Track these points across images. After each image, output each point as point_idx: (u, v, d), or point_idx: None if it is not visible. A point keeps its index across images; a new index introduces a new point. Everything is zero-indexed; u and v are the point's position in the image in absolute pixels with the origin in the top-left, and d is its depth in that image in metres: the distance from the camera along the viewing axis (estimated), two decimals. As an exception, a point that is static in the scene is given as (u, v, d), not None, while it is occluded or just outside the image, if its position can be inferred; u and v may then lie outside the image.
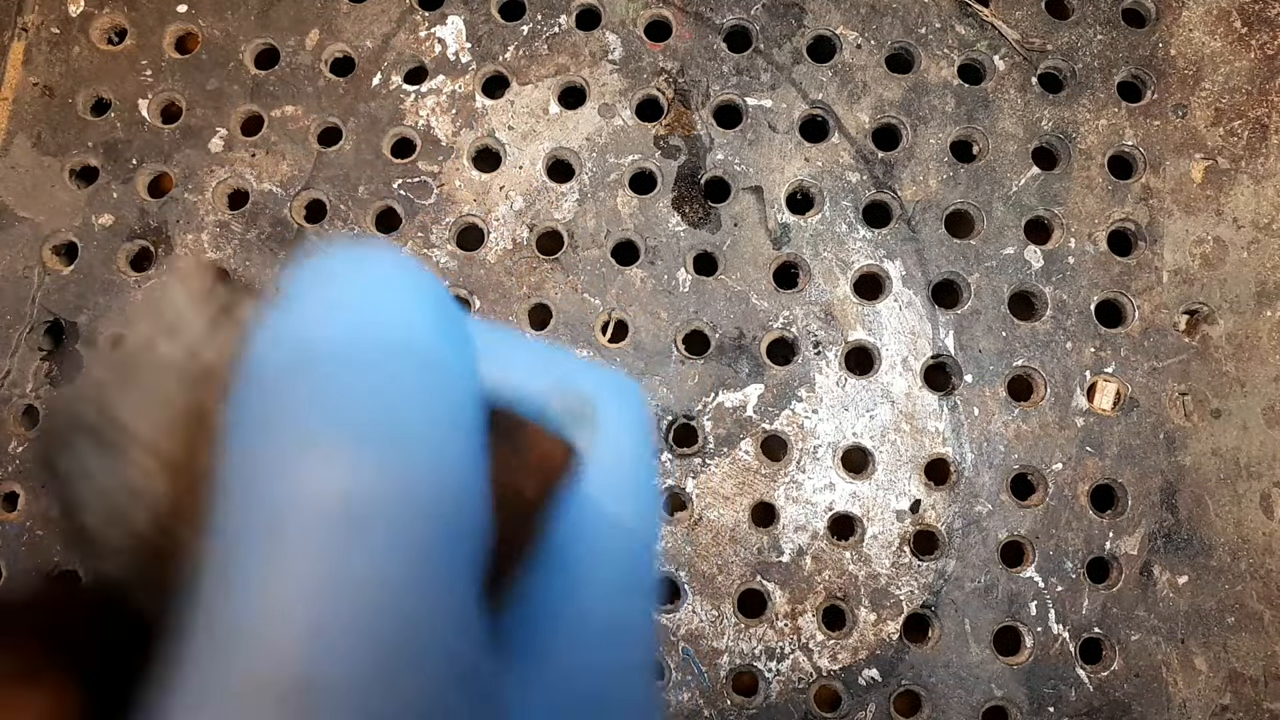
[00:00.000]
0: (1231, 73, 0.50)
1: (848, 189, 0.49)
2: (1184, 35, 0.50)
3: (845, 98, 0.50)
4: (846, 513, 0.46)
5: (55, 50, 0.52)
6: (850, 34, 0.51)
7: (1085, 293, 0.48)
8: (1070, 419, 0.47)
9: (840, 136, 0.50)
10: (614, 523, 0.19)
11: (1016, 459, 0.47)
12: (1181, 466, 0.46)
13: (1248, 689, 0.45)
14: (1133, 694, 0.45)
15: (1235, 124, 0.49)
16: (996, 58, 0.50)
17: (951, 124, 0.49)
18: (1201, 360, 0.47)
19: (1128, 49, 0.50)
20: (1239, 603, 0.45)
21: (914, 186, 0.49)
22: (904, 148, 0.49)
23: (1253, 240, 0.48)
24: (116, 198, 0.51)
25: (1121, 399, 0.47)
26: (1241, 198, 0.49)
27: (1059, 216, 0.48)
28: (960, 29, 0.51)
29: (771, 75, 0.50)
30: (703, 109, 0.50)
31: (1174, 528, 0.46)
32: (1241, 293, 0.48)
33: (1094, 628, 0.45)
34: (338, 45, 0.52)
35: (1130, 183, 0.49)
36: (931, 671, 0.45)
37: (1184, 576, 0.46)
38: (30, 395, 0.49)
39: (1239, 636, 0.45)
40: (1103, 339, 0.47)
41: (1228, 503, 0.46)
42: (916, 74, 0.50)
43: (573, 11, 0.51)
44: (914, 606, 0.45)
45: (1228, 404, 0.47)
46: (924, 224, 0.49)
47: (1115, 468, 0.46)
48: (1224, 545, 0.46)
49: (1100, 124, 0.49)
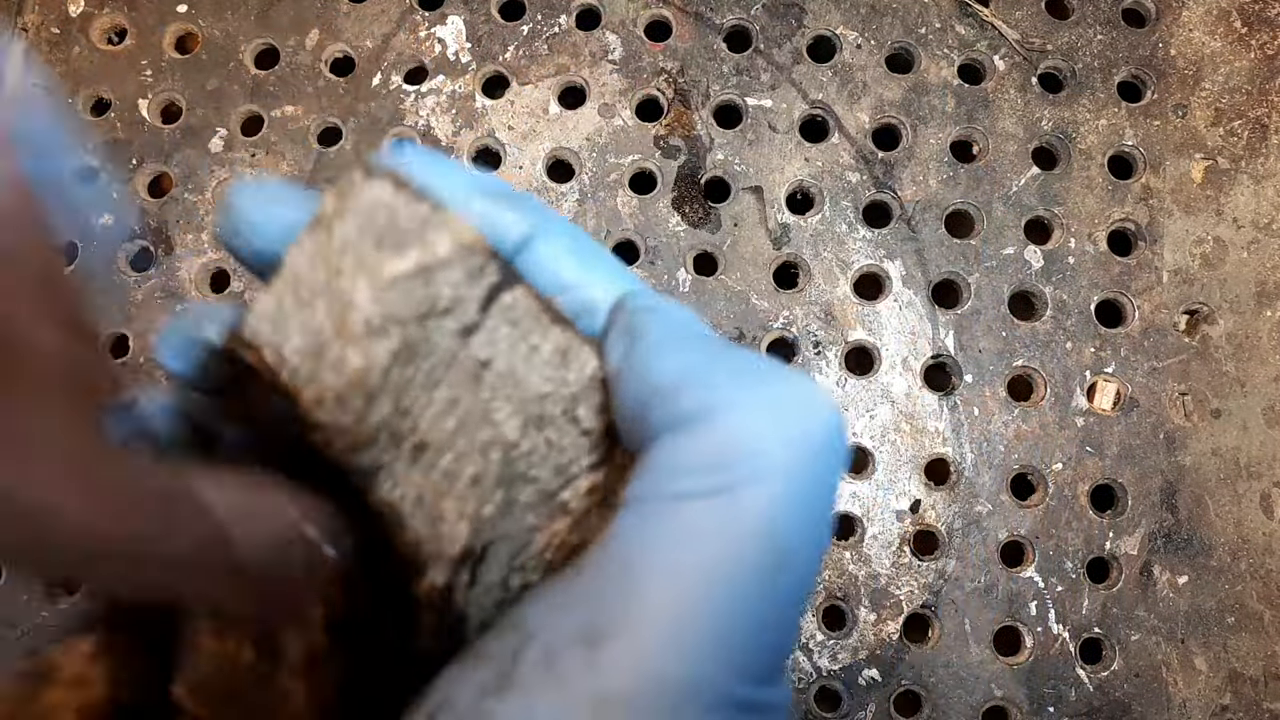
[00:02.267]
0: (1231, 73, 0.50)
1: (848, 189, 0.49)
2: (1184, 35, 0.50)
3: (845, 98, 0.50)
4: (847, 513, 0.46)
5: (55, 50, 0.52)
6: (850, 34, 0.51)
7: (1085, 293, 0.48)
8: (1070, 419, 0.47)
9: (840, 136, 0.50)
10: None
11: (1016, 459, 0.46)
12: (1181, 466, 0.46)
13: (1248, 689, 0.45)
14: (1133, 694, 0.45)
15: (1235, 124, 0.49)
16: (996, 58, 0.50)
17: (951, 124, 0.49)
18: (1201, 360, 0.47)
19: (1128, 49, 0.50)
20: (1239, 603, 0.45)
21: (914, 186, 0.49)
22: (904, 148, 0.49)
23: (1253, 240, 0.48)
24: (116, 198, 0.50)
25: (1121, 399, 0.47)
26: (1241, 198, 0.49)
27: (1059, 216, 0.48)
28: (960, 29, 0.51)
29: (771, 75, 0.50)
30: (703, 109, 0.50)
31: (1174, 528, 0.46)
32: (1241, 293, 0.48)
33: (1094, 628, 0.45)
34: (338, 45, 0.52)
35: (1130, 183, 0.49)
36: (931, 671, 0.45)
37: (1184, 576, 0.46)
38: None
39: (1239, 636, 0.45)
40: (1103, 339, 0.47)
41: (1228, 503, 0.46)
42: (916, 74, 0.50)
43: (573, 11, 0.51)
44: (914, 606, 0.45)
45: (1228, 404, 0.47)
46: (924, 224, 0.49)
47: (1115, 468, 0.46)
48: (1224, 545, 0.46)
49: (1100, 124, 0.49)
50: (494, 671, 0.18)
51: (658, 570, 0.17)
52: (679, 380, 0.19)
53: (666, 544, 0.17)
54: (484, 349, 0.21)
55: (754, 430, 0.18)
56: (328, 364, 0.20)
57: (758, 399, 0.18)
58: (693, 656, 0.17)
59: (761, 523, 0.17)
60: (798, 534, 0.18)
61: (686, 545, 0.17)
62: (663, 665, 0.17)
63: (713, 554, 0.17)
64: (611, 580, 0.18)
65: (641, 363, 0.20)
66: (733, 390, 0.18)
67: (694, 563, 0.17)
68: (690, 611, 0.17)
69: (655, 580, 0.17)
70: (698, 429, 0.18)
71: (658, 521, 0.18)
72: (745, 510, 0.17)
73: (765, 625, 0.18)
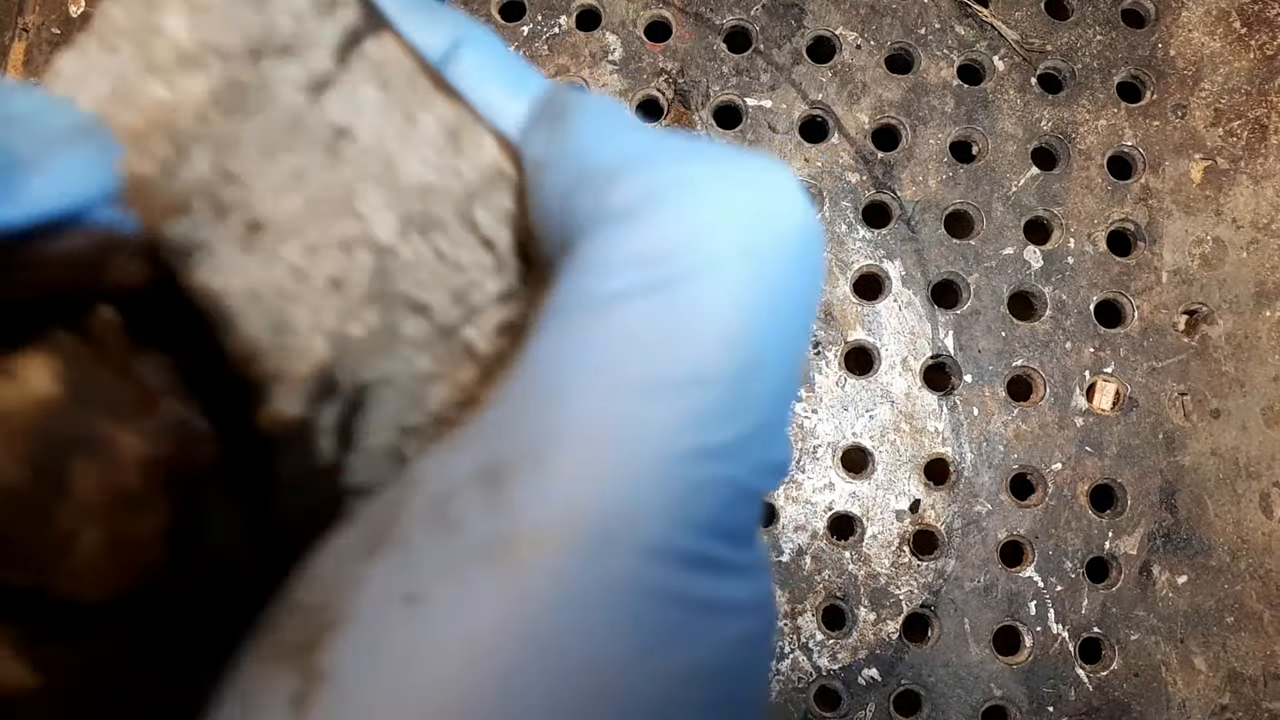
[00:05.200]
0: (1231, 73, 0.50)
1: (847, 189, 0.49)
2: (1183, 36, 0.50)
3: (845, 98, 0.50)
4: (846, 512, 0.46)
5: (56, 51, 0.52)
6: (850, 34, 0.51)
7: (1085, 293, 0.48)
8: (1070, 419, 0.47)
9: (840, 137, 0.50)
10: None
11: (1016, 459, 0.47)
12: (1181, 466, 0.46)
13: (1247, 688, 0.45)
14: (1132, 694, 0.45)
15: (1234, 124, 0.49)
16: (996, 58, 0.50)
17: (951, 124, 0.50)
18: (1201, 360, 0.47)
19: (1127, 49, 0.50)
20: (1238, 602, 0.45)
21: (913, 187, 0.49)
22: (903, 148, 0.49)
23: (1252, 240, 0.48)
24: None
25: (1121, 399, 0.47)
26: (1241, 198, 0.49)
27: (1058, 217, 0.49)
28: (960, 29, 0.51)
29: (771, 76, 0.50)
30: (702, 109, 0.50)
31: (1173, 527, 0.46)
32: (1241, 293, 0.48)
33: (1093, 627, 0.45)
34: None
35: (1129, 183, 0.49)
36: (931, 671, 0.45)
37: (1183, 576, 0.46)
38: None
39: (1238, 636, 0.45)
40: (1102, 339, 0.48)
41: (1227, 503, 0.46)
42: (916, 74, 0.50)
43: (573, 12, 0.51)
44: (913, 606, 0.45)
45: (1227, 404, 0.47)
46: (923, 224, 0.49)
47: (1114, 468, 0.46)
48: (1223, 545, 0.46)
49: (1100, 124, 0.49)
50: (368, 531, 0.14)
51: (580, 386, 0.14)
52: (615, 164, 0.15)
53: (593, 354, 0.14)
54: (341, 112, 0.16)
55: (703, 214, 0.14)
56: (128, 104, 0.15)
57: (707, 178, 0.15)
58: (621, 489, 0.13)
59: (714, 322, 0.14)
60: (760, 336, 0.14)
61: (617, 353, 0.14)
62: (581, 498, 0.13)
63: (650, 360, 0.14)
64: (522, 408, 0.14)
65: (572, 147, 0.16)
66: (678, 170, 0.15)
67: (628, 375, 0.14)
68: (619, 435, 0.13)
69: (576, 399, 0.14)
70: (635, 218, 0.14)
71: (582, 330, 0.14)
72: (693, 306, 0.14)
73: (721, 456, 0.14)
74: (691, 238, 0.14)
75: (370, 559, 0.14)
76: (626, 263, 0.14)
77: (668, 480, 0.13)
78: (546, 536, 0.13)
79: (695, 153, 0.15)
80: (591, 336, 0.14)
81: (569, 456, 0.13)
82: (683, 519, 0.14)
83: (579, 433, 0.13)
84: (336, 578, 0.14)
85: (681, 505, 0.14)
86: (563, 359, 0.14)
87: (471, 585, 0.13)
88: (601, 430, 0.13)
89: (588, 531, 0.13)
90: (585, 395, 0.14)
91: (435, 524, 0.13)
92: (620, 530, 0.13)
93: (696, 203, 0.14)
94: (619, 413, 0.13)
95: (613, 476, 0.13)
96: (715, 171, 0.15)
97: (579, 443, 0.13)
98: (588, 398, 0.13)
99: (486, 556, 0.13)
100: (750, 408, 0.14)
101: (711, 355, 0.14)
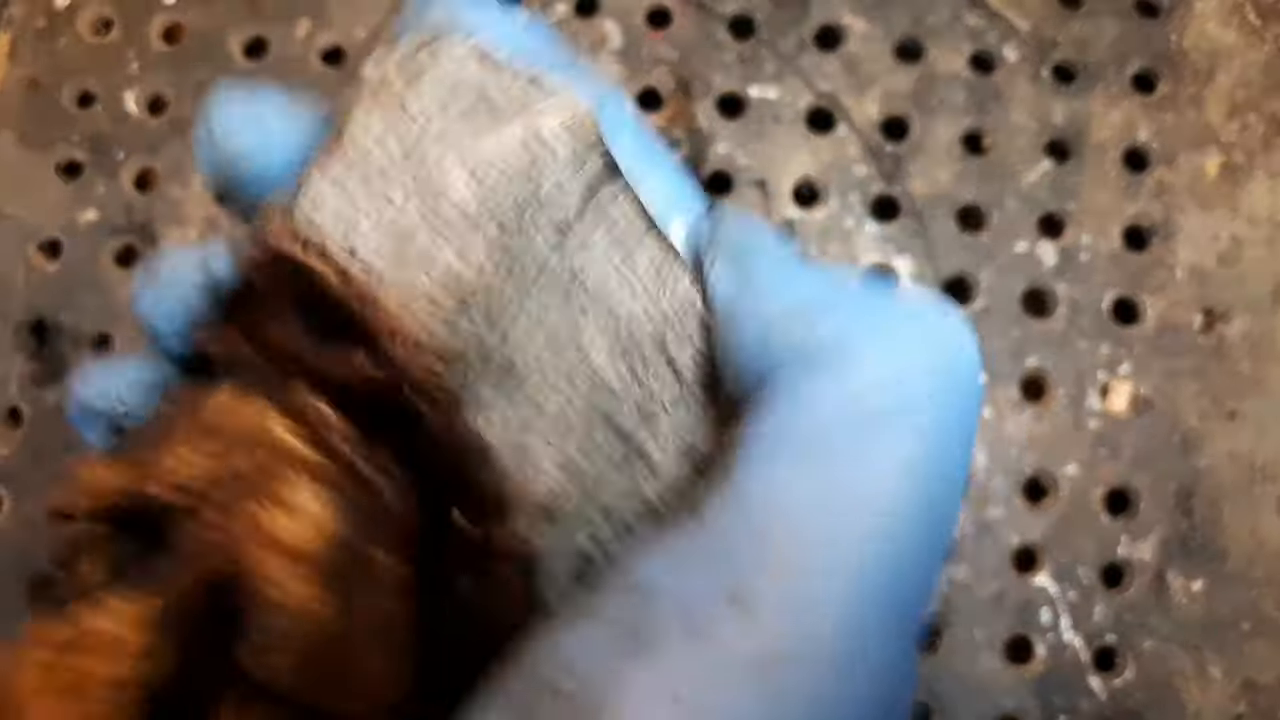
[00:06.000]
0: (1246, 65, 0.49)
1: (855, 182, 0.48)
2: (1198, 27, 0.50)
3: (852, 89, 0.49)
4: (853, 517, 0.45)
5: (41, 43, 0.52)
6: (857, 23, 0.50)
7: (1099, 290, 0.47)
8: (1084, 420, 0.46)
9: (847, 129, 0.49)
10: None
11: (1029, 462, 0.46)
12: (1197, 469, 0.46)
13: (1263, 697, 0.44)
14: (1146, 703, 0.44)
15: (1250, 117, 0.49)
16: (1007, 48, 0.50)
17: (962, 116, 0.49)
18: (1217, 360, 0.47)
19: (1141, 41, 0.50)
20: (1255, 609, 0.44)
21: (923, 180, 0.48)
22: (913, 140, 0.49)
23: (1269, 237, 0.48)
24: (102, 192, 0.50)
25: (1137, 400, 0.46)
26: (1257, 193, 0.48)
27: (1072, 212, 0.48)
28: (970, 19, 0.50)
29: (776, 65, 0.50)
30: (705, 100, 0.49)
31: (1189, 532, 0.45)
32: (1258, 290, 0.47)
33: (1107, 635, 0.44)
34: (328, 35, 0.51)
35: (1144, 177, 0.48)
36: (940, 680, 0.44)
37: (1199, 583, 0.45)
38: (15, 397, 0.48)
39: (1254, 643, 0.44)
40: (1117, 338, 0.47)
41: (1243, 507, 0.45)
42: (925, 64, 0.49)
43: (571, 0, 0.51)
44: (923, 614, 0.45)
45: (1243, 405, 0.46)
46: (934, 219, 0.48)
47: (1130, 471, 0.46)
48: (1240, 551, 0.45)
49: (1113, 117, 0.49)
50: (618, 632, 0.16)
51: (801, 519, 0.16)
52: (805, 307, 0.17)
53: (805, 486, 0.16)
54: (578, 255, 0.18)
55: (896, 361, 0.16)
56: (413, 260, 0.17)
57: (895, 326, 0.17)
58: (854, 614, 0.16)
59: (912, 461, 0.16)
60: (947, 472, 0.16)
61: (828, 487, 0.16)
62: (824, 624, 0.15)
63: (861, 495, 0.16)
64: (745, 529, 0.16)
65: (763, 288, 0.18)
66: (866, 317, 0.17)
67: (842, 505, 0.16)
68: (847, 564, 0.16)
69: (802, 530, 0.16)
70: (831, 360, 0.16)
71: (790, 462, 0.16)
72: (894, 447, 0.16)
73: (918, 576, 0.16)
74: (894, 381, 0.16)
75: (636, 658, 0.16)
76: (834, 401, 0.16)
77: (886, 604, 0.16)
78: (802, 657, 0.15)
79: (877, 298, 0.17)
80: (804, 469, 0.16)
81: (804, 586, 0.16)
82: (898, 631, 0.16)
83: (806, 563, 0.16)
84: (590, 670, 0.16)
85: (894, 621, 0.16)
86: (774, 486, 0.16)
87: (735, 692, 0.15)
88: (826, 561, 0.16)
89: (838, 653, 0.15)
90: (807, 527, 0.16)
91: (689, 636, 0.16)
92: (854, 653, 0.16)
93: (893, 347, 0.16)
94: (838, 543, 0.16)
95: (839, 603, 0.15)
96: (902, 320, 0.17)
97: (808, 573, 0.16)
98: (810, 529, 0.16)
99: (748, 670, 0.15)
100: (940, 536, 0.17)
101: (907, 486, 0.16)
